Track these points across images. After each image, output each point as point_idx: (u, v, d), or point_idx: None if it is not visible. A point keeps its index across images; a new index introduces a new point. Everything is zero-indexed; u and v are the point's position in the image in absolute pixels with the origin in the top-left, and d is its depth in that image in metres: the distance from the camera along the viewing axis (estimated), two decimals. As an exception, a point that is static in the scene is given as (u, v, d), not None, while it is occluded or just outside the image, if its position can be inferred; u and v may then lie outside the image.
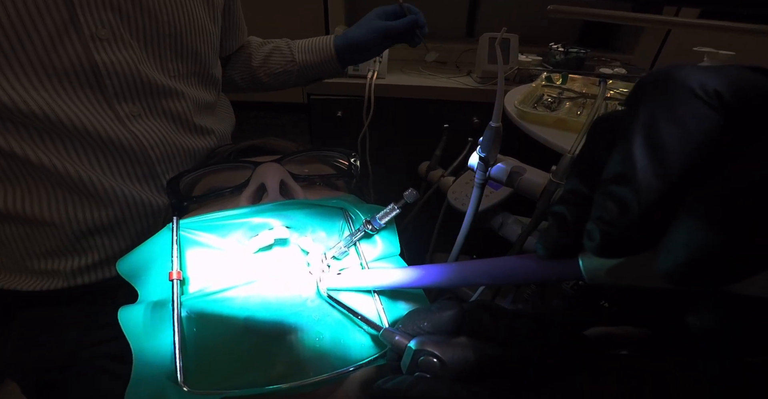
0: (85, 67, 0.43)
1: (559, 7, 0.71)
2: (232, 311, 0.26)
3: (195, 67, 0.55)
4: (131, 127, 0.47)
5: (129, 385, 0.23)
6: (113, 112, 0.46)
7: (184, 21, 0.50)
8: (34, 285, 0.49)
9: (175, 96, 0.52)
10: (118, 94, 0.46)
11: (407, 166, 1.08)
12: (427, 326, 0.22)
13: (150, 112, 0.50)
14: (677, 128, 0.13)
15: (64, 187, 0.46)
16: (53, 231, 0.47)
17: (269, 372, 0.24)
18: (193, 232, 0.30)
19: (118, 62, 0.44)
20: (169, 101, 0.52)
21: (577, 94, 0.84)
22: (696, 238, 0.12)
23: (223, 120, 0.66)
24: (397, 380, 0.20)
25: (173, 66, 0.52)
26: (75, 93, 0.43)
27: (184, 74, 0.54)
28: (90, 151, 0.46)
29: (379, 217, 0.30)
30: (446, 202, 0.82)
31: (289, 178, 0.36)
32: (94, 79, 0.44)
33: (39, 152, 0.43)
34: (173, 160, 0.53)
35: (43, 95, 0.41)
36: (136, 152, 0.48)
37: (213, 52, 0.58)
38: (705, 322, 0.13)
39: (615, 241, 0.14)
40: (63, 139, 0.44)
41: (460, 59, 1.29)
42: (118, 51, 0.44)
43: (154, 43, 0.48)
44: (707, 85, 0.13)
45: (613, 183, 0.14)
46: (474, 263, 0.22)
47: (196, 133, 0.57)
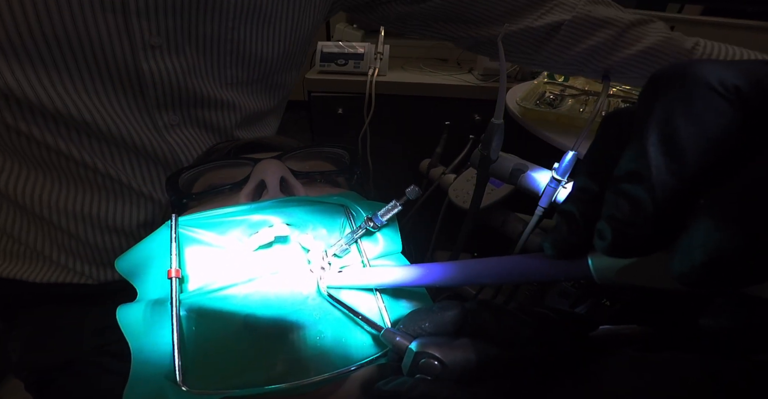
0: (131, 74, 0.42)
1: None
2: (231, 309, 0.25)
3: (258, 74, 0.52)
4: (167, 137, 0.47)
5: (128, 385, 0.22)
6: (152, 120, 0.45)
7: (247, 26, 0.47)
8: (47, 276, 0.49)
9: (222, 107, 0.50)
10: (159, 104, 0.45)
11: (408, 164, 1.07)
12: (429, 327, 0.22)
13: (190, 121, 0.49)
14: (694, 124, 0.12)
15: (93, 184, 0.46)
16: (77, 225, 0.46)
17: (269, 371, 0.23)
18: (193, 230, 0.30)
19: (164, 71, 0.43)
20: (212, 112, 0.50)
21: (579, 92, 0.83)
22: (714, 238, 0.11)
23: (268, 125, 0.63)
24: (398, 382, 0.20)
25: (232, 73, 0.49)
26: (117, 99, 0.43)
27: (244, 81, 0.51)
28: (125, 155, 0.46)
29: (381, 214, 0.29)
30: (447, 200, 0.81)
31: (289, 175, 0.35)
32: (138, 86, 0.43)
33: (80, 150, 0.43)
34: None
35: (84, 99, 0.41)
36: (168, 161, 0.48)
37: (288, 56, 0.54)
38: (721, 324, 0.13)
39: (627, 241, 0.14)
40: (99, 141, 0.44)
41: (462, 56, 1.28)
42: (168, 59, 0.43)
43: (213, 50, 0.46)
44: (725, 79, 0.12)
45: (626, 181, 0.14)
46: (479, 262, 0.21)
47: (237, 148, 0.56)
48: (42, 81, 0.39)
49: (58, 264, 0.49)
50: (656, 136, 0.13)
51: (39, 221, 0.47)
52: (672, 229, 0.13)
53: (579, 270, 0.17)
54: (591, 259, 0.17)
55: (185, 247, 0.29)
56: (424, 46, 1.34)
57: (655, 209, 0.13)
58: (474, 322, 0.21)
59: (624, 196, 0.14)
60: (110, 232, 0.48)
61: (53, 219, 0.46)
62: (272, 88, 0.56)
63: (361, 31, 1.23)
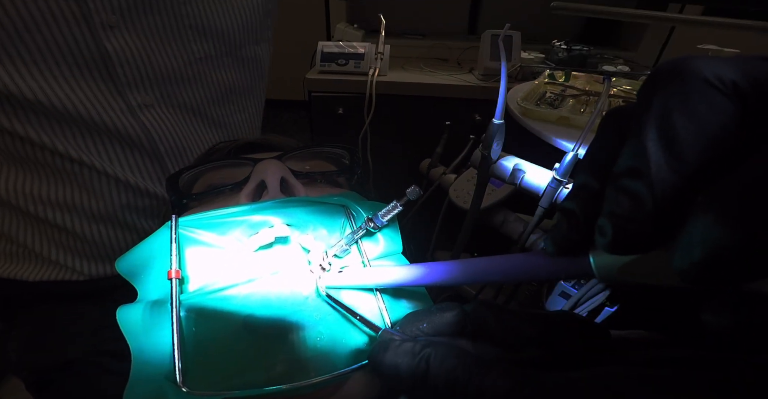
0: (95, 56, 0.42)
1: (562, 4, 0.70)
2: (232, 310, 0.25)
3: (223, 47, 0.52)
4: (141, 118, 0.46)
5: (128, 386, 0.22)
6: (124, 101, 0.45)
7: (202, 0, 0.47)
8: (41, 274, 0.49)
9: (194, 83, 0.50)
10: (130, 83, 0.45)
11: (408, 164, 1.07)
12: (427, 328, 0.22)
13: (164, 101, 0.49)
14: (692, 119, 0.12)
15: (70, 173, 0.45)
16: (63, 217, 0.46)
17: (269, 372, 0.23)
18: (193, 230, 0.30)
19: (129, 50, 0.43)
20: (185, 90, 0.50)
21: (580, 92, 0.83)
22: (713, 234, 0.11)
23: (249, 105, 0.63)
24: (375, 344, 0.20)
25: (198, 47, 0.49)
26: (86, 82, 0.43)
27: (213, 55, 0.51)
28: (99, 140, 0.45)
29: (382, 215, 0.29)
30: (447, 200, 0.81)
31: (289, 175, 0.35)
32: (105, 68, 0.43)
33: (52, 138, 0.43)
34: (184, 155, 0.52)
35: (52, 84, 0.40)
36: (144, 144, 0.47)
37: (248, 28, 0.55)
38: (723, 321, 0.13)
39: (628, 237, 0.14)
40: (71, 128, 0.43)
41: (462, 56, 1.28)
42: (130, 38, 0.43)
43: (173, 26, 0.46)
44: (723, 75, 0.12)
45: (626, 177, 0.14)
46: (480, 260, 0.21)
47: (211, 125, 0.55)
48: (7, 68, 0.39)
49: (50, 261, 0.49)
50: (655, 132, 0.13)
51: (24, 216, 0.47)
52: (672, 226, 0.13)
53: (580, 267, 0.17)
54: (592, 257, 0.17)
55: (185, 248, 0.29)
56: (425, 46, 1.34)
57: (654, 205, 0.13)
58: (474, 322, 0.21)
59: (624, 192, 0.14)
60: (95, 220, 0.48)
61: (38, 211, 0.46)
62: (242, 62, 0.56)
63: (362, 31, 1.23)
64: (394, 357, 0.19)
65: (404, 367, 0.18)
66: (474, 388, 0.16)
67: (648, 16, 0.73)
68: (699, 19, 0.72)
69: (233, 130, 0.60)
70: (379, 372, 0.20)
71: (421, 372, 0.18)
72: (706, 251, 0.11)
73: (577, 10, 0.73)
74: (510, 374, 0.16)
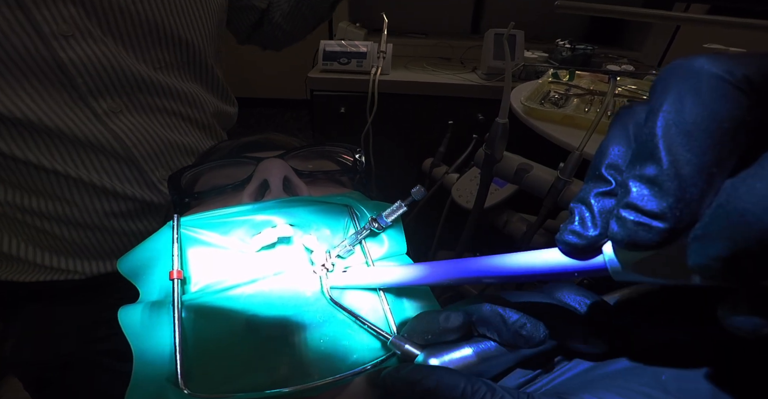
0: (51, 67, 0.41)
1: (567, 3, 0.70)
2: (234, 311, 0.25)
3: (185, 57, 0.51)
4: (111, 125, 0.45)
5: (129, 387, 0.22)
6: (90, 109, 0.44)
7: (161, 7, 0.47)
8: (35, 276, 0.48)
9: (163, 89, 0.49)
10: (93, 91, 0.44)
11: (411, 163, 1.07)
12: (433, 339, 0.22)
13: (133, 107, 0.48)
14: (705, 113, 0.12)
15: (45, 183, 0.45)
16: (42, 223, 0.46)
17: (272, 374, 0.23)
18: (195, 230, 0.29)
19: (87, 58, 0.42)
20: (155, 94, 0.49)
21: (584, 91, 0.82)
22: (734, 229, 0.11)
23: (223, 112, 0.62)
24: (410, 369, 0.20)
25: (157, 56, 0.48)
26: (47, 93, 0.42)
27: (172, 65, 0.51)
28: (72, 149, 0.44)
29: (386, 215, 0.29)
30: (450, 199, 0.81)
31: (292, 174, 0.35)
32: (64, 77, 0.42)
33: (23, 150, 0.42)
34: (161, 157, 0.51)
35: (11, 96, 0.40)
36: (117, 151, 0.46)
37: (209, 38, 0.54)
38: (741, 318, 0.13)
39: (643, 233, 0.13)
40: (41, 138, 0.43)
41: (465, 55, 1.27)
42: (87, 47, 0.42)
43: (131, 34, 0.45)
44: (736, 70, 0.12)
45: (640, 172, 0.14)
46: (488, 259, 0.21)
47: (190, 125, 0.54)
48: None
49: (35, 265, 0.48)
50: (668, 126, 0.13)
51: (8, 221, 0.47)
52: (688, 221, 0.13)
53: (593, 265, 0.17)
54: (606, 254, 0.16)
55: (187, 248, 0.29)
56: (428, 45, 1.34)
57: (670, 200, 0.13)
58: (479, 326, 0.21)
59: (638, 187, 0.14)
60: (78, 226, 0.47)
61: (16, 216, 0.46)
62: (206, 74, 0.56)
63: (364, 30, 1.22)
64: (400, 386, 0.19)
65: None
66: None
67: (653, 15, 0.73)
68: (704, 18, 0.72)
69: (217, 130, 0.59)
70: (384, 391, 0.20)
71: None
72: (726, 246, 0.11)
73: (582, 9, 0.73)
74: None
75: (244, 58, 2.57)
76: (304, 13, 0.69)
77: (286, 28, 0.72)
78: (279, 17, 0.70)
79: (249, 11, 0.69)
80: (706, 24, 0.72)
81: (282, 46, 0.79)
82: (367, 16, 1.30)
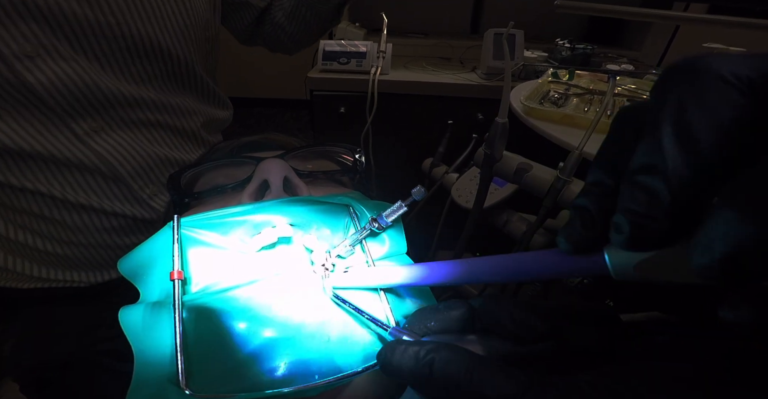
0: (19, 89, 0.39)
1: (566, 3, 0.70)
2: (234, 311, 0.25)
3: (169, 67, 0.48)
4: (93, 145, 0.43)
5: (130, 388, 0.22)
6: (69, 130, 0.42)
7: (137, 18, 0.43)
8: (32, 284, 0.48)
9: (146, 103, 0.46)
10: (69, 112, 0.41)
11: (410, 163, 1.07)
12: (435, 326, 0.22)
13: (116, 124, 0.45)
14: (708, 115, 0.12)
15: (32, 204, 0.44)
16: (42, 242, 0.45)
17: (273, 375, 0.23)
18: (195, 231, 0.29)
19: (59, 79, 0.39)
20: (138, 110, 0.46)
21: (584, 91, 0.82)
22: (735, 229, 0.11)
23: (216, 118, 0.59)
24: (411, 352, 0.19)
25: (137, 70, 0.45)
26: (21, 116, 0.40)
27: (156, 77, 0.48)
28: (56, 171, 0.43)
29: (386, 215, 0.29)
30: (450, 199, 0.81)
31: (292, 174, 0.35)
32: (36, 99, 0.39)
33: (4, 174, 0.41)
34: (151, 174, 0.49)
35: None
36: (102, 170, 0.44)
37: (194, 45, 0.50)
38: (742, 317, 0.13)
39: (645, 233, 0.13)
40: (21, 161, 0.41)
41: (465, 55, 1.28)
42: (56, 66, 0.39)
43: (105, 50, 0.42)
44: (737, 71, 0.12)
45: (642, 172, 0.13)
46: (490, 259, 0.21)
47: (180, 138, 0.52)
48: None
49: (31, 276, 0.47)
50: (670, 127, 0.13)
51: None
52: (689, 221, 0.13)
53: (594, 265, 0.17)
54: (607, 254, 0.16)
55: (188, 248, 0.29)
56: (427, 45, 1.34)
57: (672, 200, 0.13)
58: (483, 317, 0.21)
59: (640, 187, 0.13)
60: (69, 244, 0.46)
61: (8, 235, 0.45)
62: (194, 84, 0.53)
63: (364, 30, 1.22)
64: (399, 360, 0.19)
65: (408, 371, 0.18)
66: (475, 393, 0.16)
67: (652, 15, 0.73)
68: (704, 18, 0.72)
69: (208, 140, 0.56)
70: (385, 373, 0.20)
71: (424, 377, 0.18)
72: (728, 245, 0.11)
73: (581, 9, 0.73)
74: (515, 378, 0.16)
75: (243, 58, 2.58)
76: (304, 14, 0.66)
77: (288, 30, 0.68)
78: (281, 17, 0.66)
79: (244, 9, 0.64)
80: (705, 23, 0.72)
81: (291, 50, 0.75)
82: (366, 16, 1.30)
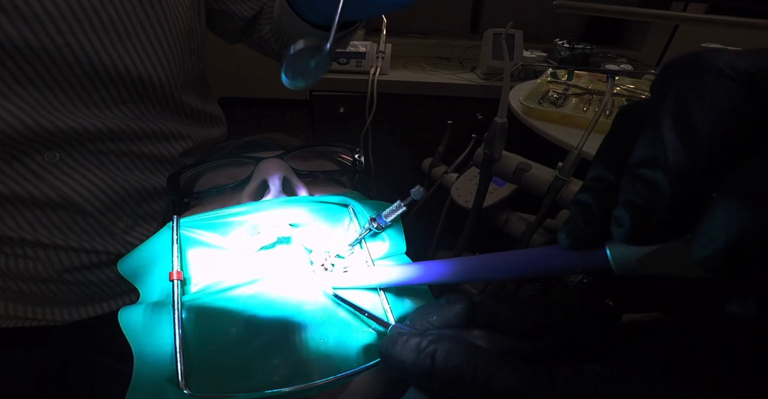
0: None
1: (565, 3, 0.70)
2: (234, 312, 0.25)
3: (142, 92, 0.42)
4: (51, 180, 0.39)
5: (130, 388, 0.22)
6: (22, 165, 0.38)
7: (96, 42, 0.37)
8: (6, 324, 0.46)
9: (113, 132, 0.41)
10: (19, 148, 0.37)
11: (410, 163, 1.07)
12: (437, 321, 0.22)
13: (80, 155, 0.40)
14: (708, 107, 0.12)
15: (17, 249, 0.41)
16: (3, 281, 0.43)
17: (272, 374, 0.23)
18: (194, 231, 0.29)
19: (8, 112, 0.35)
20: (105, 140, 0.41)
21: (583, 91, 0.83)
22: (737, 220, 0.11)
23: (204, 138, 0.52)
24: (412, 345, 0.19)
25: (102, 95, 0.40)
26: None
27: (126, 101, 0.42)
28: (14, 210, 0.39)
29: (385, 215, 0.29)
30: (449, 199, 0.81)
31: (291, 174, 0.35)
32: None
33: None
34: (124, 206, 0.44)
35: None
36: (63, 205, 0.40)
37: (173, 66, 0.44)
38: (749, 311, 0.13)
39: (646, 226, 0.13)
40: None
41: (464, 55, 1.28)
42: (3, 100, 0.35)
43: (58, 78, 0.37)
44: (737, 65, 0.12)
45: (643, 166, 0.14)
46: (493, 256, 0.21)
47: (158, 164, 0.46)
48: None
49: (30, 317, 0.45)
50: (670, 120, 0.13)
51: None
52: (691, 214, 0.13)
53: (596, 260, 0.17)
54: (609, 249, 0.16)
55: (187, 249, 0.29)
56: (427, 45, 1.34)
57: (673, 193, 0.13)
58: (485, 313, 0.21)
59: (641, 181, 0.14)
60: (35, 281, 0.43)
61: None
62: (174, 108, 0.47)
63: (363, 30, 1.23)
64: (400, 352, 0.19)
65: (409, 363, 0.18)
66: (480, 385, 0.16)
67: (651, 15, 0.73)
68: (703, 18, 0.72)
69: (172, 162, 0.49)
70: (387, 366, 0.20)
71: (426, 368, 0.18)
72: (730, 236, 0.11)
73: (580, 9, 0.73)
74: (519, 370, 0.16)
75: (243, 57, 2.57)
76: (283, 36, 0.58)
77: (274, 48, 0.59)
78: (268, 33, 0.58)
79: (226, 18, 0.56)
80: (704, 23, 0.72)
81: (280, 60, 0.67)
82: (366, 16, 1.30)
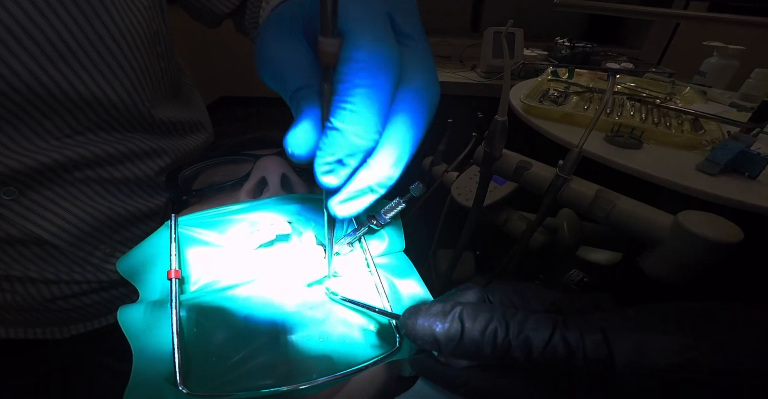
0: None
1: (566, 1, 0.70)
2: (233, 310, 0.25)
3: (104, 115, 0.37)
4: (9, 215, 0.36)
5: (128, 387, 0.22)
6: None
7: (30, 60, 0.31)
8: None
9: (75, 161, 0.37)
10: None
11: (410, 161, 1.07)
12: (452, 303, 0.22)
13: (42, 187, 0.36)
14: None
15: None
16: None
17: (271, 374, 0.23)
18: (193, 229, 0.29)
19: None
20: (71, 169, 0.37)
21: (583, 89, 0.82)
22: None
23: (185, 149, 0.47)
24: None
25: (57, 123, 0.35)
26: None
27: (88, 128, 0.37)
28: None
29: (385, 212, 0.29)
30: (449, 198, 0.81)
31: (290, 172, 0.35)
32: None
33: None
34: (99, 234, 0.40)
35: None
36: (32, 240, 0.37)
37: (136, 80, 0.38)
38: None
39: None
40: None
41: (465, 54, 1.27)
42: None
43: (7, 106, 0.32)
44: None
45: None
46: None
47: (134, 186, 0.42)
48: None
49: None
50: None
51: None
52: None
53: None
54: None
55: (186, 247, 0.28)
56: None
57: None
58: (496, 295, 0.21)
59: None
60: (18, 311, 0.41)
61: None
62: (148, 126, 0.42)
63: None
64: (425, 320, 0.18)
65: (439, 328, 0.18)
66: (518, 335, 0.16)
67: (652, 13, 0.73)
68: (704, 16, 0.72)
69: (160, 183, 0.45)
70: (413, 337, 0.19)
71: (456, 331, 0.17)
72: None
73: (581, 7, 0.73)
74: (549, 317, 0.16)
75: (242, 56, 2.57)
76: None
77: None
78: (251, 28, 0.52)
79: (203, 13, 0.50)
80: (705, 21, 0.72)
81: None
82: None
